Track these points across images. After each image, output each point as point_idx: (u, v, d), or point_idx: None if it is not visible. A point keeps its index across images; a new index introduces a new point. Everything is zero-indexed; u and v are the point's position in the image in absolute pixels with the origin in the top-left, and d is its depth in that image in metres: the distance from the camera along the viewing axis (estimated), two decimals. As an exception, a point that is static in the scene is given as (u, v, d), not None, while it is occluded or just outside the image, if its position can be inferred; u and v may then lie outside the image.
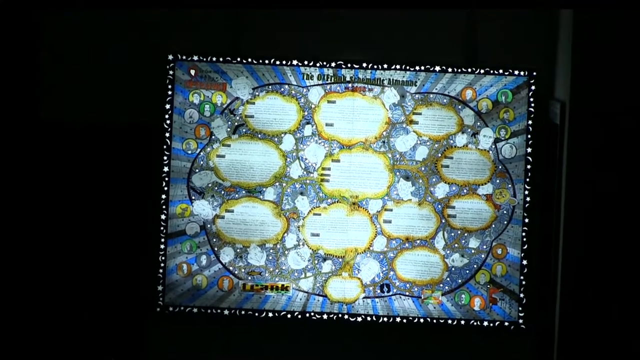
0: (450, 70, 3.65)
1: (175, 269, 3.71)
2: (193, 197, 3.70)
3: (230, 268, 3.72)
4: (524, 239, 3.67)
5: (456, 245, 3.70)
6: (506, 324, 3.69)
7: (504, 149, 3.67)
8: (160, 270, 3.69)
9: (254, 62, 3.66)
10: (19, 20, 3.56)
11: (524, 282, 3.68)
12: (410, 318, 3.70)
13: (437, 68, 3.65)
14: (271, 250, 3.71)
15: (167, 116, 3.67)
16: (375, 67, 3.66)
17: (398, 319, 3.70)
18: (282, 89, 3.67)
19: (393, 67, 3.66)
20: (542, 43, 3.71)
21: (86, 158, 3.75)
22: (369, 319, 3.70)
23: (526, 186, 3.67)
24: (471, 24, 3.71)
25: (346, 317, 3.70)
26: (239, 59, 3.66)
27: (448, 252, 3.70)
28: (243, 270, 3.72)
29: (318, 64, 3.66)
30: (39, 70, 3.68)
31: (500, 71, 3.64)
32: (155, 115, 3.65)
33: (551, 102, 3.67)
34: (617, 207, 3.39)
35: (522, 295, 3.68)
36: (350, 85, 3.67)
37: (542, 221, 3.68)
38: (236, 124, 3.69)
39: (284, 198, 3.71)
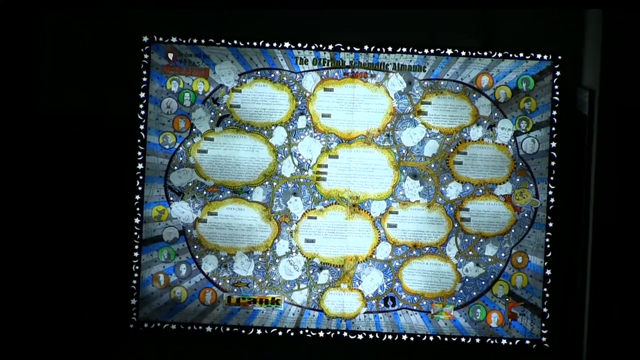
0: (463, 53, 3.60)
1: (151, 280, 3.64)
2: (171, 198, 3.63)
3: (214, 279, 3.64)
4: (548, 246, 3.60)
5: (470, 252, 3.63)
6: (527, 342, 3.62)
7: (525, 143, 3.60)
8: (134, 282, 3.63)
9: (241, 44, 3.60)
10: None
11: (547, 295, 3.61)
12: (418, 335, 3.63)
13: (449, 51, 3.60)
14: (260, 259, 3.64)
15: (141, 106, 3.61)
16: (379, 50, 3.59)
17: (404, 337, 3.63)
18: (273, 75, 3.61)
19: (398, 50, 3.60)
20: (568, 23, 3.67)
21: (51, 154, 3.69)
22: (371, 336, 3.63)
23: (550, 186, 3.59)
24: (487, 2, 3.73)
25: (345, 334, 3.63)
26: (223, 41, 3.61)
27: (461, 260, 3.63)
28: (228, 281, 3.64)
29: (313, 47, 3.60)
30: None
31: (521, 55, 3.59)
32: (128, 105, 3.60)
33: (578, 90, 3.60)
34: (653, 209, 3.39)
35: (545, 309, 3.61)
36: (349, 70, 3.60)
37: (568, 225, 3.63)
38: (220, 114, 3.61)
39: (275, 199, 3.63)
